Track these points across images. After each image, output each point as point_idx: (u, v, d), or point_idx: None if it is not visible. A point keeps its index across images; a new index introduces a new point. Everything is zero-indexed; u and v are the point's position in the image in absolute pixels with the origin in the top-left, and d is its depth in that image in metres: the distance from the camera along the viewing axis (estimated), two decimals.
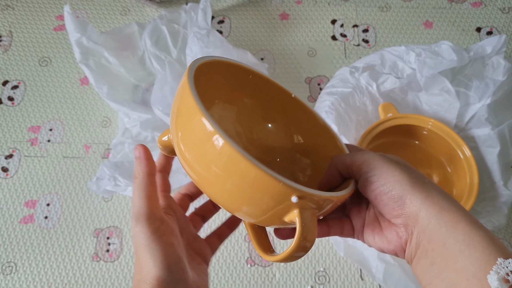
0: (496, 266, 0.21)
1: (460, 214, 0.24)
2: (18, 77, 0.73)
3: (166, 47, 0.69)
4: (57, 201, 0.64)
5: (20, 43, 0.75)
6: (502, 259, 0.21)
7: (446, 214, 0.24)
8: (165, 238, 0.27)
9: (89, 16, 0.78)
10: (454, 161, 0.60)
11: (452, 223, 0.23)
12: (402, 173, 0.25)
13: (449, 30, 0.76)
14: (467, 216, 0.24)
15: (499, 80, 0.59)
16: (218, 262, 0.60)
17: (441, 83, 0.60)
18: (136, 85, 0.70)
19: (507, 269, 0.21)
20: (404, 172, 0.25)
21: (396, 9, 0.78)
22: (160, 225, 0.27)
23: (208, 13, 0.66)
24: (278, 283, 0.58)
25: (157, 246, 0.26)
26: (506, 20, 0.76)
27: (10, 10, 0.78)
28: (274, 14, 0.78)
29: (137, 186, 0.28)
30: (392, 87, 0.61)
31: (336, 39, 0.75)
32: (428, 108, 0.63)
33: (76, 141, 0.68)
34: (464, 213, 0.24)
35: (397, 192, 0.25)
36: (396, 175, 0.25)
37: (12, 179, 0.65)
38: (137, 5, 0.79)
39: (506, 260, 0.21)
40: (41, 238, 0.61)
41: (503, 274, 0.21)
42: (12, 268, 0.60)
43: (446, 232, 0.23)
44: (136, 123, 0.63)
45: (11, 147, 0.67)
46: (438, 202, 0.24)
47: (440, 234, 0.23)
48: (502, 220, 0.56)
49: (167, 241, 0.27)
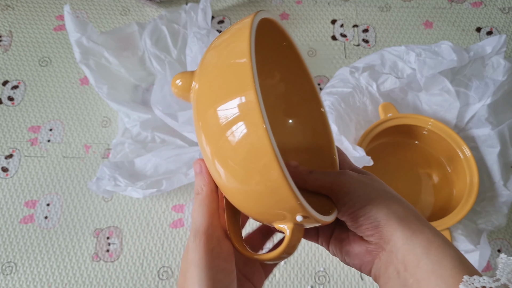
0: (462, 283, 0.22)
1: (432, 235, 0.25)
2: (18, 77, 0.73)
3: (166, 47, 0.69)
4: (57, 201, 0.64)
5: (20, 43, 0.75)
6: (467, 276, 0.23)
7: (420, 236, 0.25)
8: (218, 262, 0.26)
9: (89, 16, 0.78)
10: (454, 161, 0.60)
11: (425, 244, 0.25)
12: (379, 196, 0.27)
13: (449, 30, 0.76)
14: (438, 237, 0.25)
15: (499, 80, 0.59)
16: None
17: (441, 83, 0.60)
18: (136, 85, 0.70)
19: (473, 285, 0.22)
20: (381, 196, 0.27)
21: (396, 9, 0.78)
22: (216, 245, 0.26)
23: (208, 13, 0.66)
24: (278, 283, 0.58)
25: (207, 269, 0.25)
26: (506, 20, 0.76)
27: (10, 10, 0.78)
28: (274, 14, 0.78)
29: (200, 202, 0.27)
30: (392, 87, 0.61)
31: (336, 39, 0.75)
32: (428, 108, 0.63)
33: (76, 141, 0.68)
34: (436, 234, 0.25)
35: (373, 214, 0.26)
36: (373, 198, 0.27)
37: (12, 179, 0.65)
38: (137, 5, 0.79)
39: (471, 277, 0.22)
40: (41, 238, 0.61)
41: None
42: (12, 268, 0.60)
43: (420, 253, 0.25)
44: (136, 123, 0.63)
45: (11, 147, 0.67)
46: (412, 224, 0.26)
47: (414, 255, 0.25)
48: (502, 220, 0.56)
49: (219, 265, 0.25)
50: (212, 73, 0.23)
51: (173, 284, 0.58)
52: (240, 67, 0.21)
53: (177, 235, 0.61)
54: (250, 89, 0.20)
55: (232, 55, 0.22)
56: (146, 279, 0.59)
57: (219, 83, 0.22)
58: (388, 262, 0.26)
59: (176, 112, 0.61)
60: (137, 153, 0.63)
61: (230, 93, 0.21)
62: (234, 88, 0.21)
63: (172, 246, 0.61)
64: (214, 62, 0.24)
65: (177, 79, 0.26)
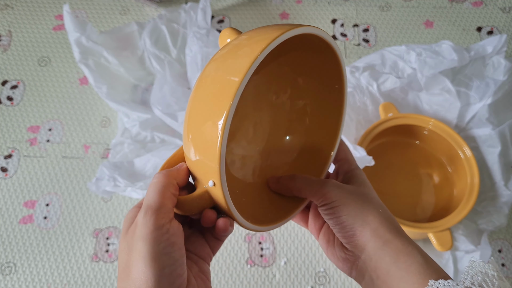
0: (427, 287, 0.24)
1: (402, 244, 0.27)
2: (17, 77, 0.73)
3: (165, 46, 0.69)
4: (56, 201, 0.63)
5: (20, 43, 0.75)
6: (432, 280, 0.24)
7: (390, 246, 0.27)
8: (168, 236, 0.25)
9: (88, 15, 0.78)
10: (454, 161, 0.60)
11: (394, 253, 0.27)
12: (356, 208, 0.29)
13: (449, 30, 0.75)
14: (408, 245, 0.27)
15: (500, 80, 0.58)
16: (218, 262, 0.60)
17: (441, 83, 0.60)
18: (135, 85, 0.70)
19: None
20: (358, 208, 0.29)
21: (397, 8, 0.78)
22: (166, 222, 0.26)
23: (207, 12, 0.66)
24: (278, 284, 0.58)
25: (156, 243, 0.24)
26: (507, 19, 0.76)
27: (10, 10, 0.78)
28: (274, 13, 0.78)
29: (156, 182, 0.27)
30: (393, 86, 0.61)
31: (336, 39, 0.75)
32: (429, 108, 0.63)
33: (76, 141, 0.68)
34: (406, 243, 0.27)
35: (349, 224, 0.29)
36: (351, 210, 0.29)
37: (11, 179, 0.65)
38: (136, 5, 0.79)
39: (436, 281, 0.24)
40: (40, 238, 0.61)
41: None
42: (11, 268, 0.60)
43: (389, 261, 0.27)
44: (136, 123, 0.63)
45: (10, 147, 0.67)
46: (384, 235, 0.28)
47: (385, 263, 0.27)
48: (502, 220, 0.56)
49: (169, 239, 0.25)
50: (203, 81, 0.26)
51: None
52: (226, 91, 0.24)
53: None
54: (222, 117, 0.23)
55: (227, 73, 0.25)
56: None
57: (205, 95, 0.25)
58: (364, 270, 0.28)
59: (176, 112, 0.60)
60: (136, 153, 0.62)
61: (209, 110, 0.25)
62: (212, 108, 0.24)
63: None
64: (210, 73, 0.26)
65: None
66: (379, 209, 0.29)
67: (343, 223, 0.29)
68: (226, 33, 0.29)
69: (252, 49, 0.24)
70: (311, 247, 0.60)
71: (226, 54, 0.26)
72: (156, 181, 0.27)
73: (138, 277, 0.24)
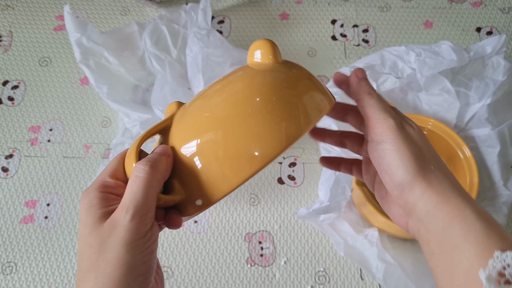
0: (492, 260, 0.21)
1: (460, 205, 0.24)
2: (18, 77, 0.73)
3: (166, 47, 0.69)
4: (57, 201, 0.64)
5: (20, 43, 0.75)
6: (499, 252, 0.21)
7: (445, 207, 0.24)
8: (149, 243, 0.24)
9: (89, 16, 0.78)
10: (454, 161, 0.60)
11: (450, 217, 0.23)
12: (411, 157, 0.25)
13: (449, 30, 0.76)
14: (467, 207, 0.24)
15: (499, 80, 0.59)
16: (218, 262, 0.60)
17: (441, 83, 0.60)
18: (136, 85, 0.70)
19: (504, 262, 0.21)
20: (413, 157, 0.25)
21: (396, 9, 0.78)
22: (150, 228, 0.24)
23: (208, 13, 0.66)
24: (278, 283, 0.58)
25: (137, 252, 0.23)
26: (506, 20, 0.76)
27: (10, 10, 0.78)
28: (274, 14, 0.78)
29: (143, 178, 0.24)
30: (392, 87, 0.61)
31: (336, 39, 0.75)
32: (428, 108, 0.63)
33: (76, 141, 0.68)
34: (465, 204, 0.24)
35: (398, 177, 0.25)
36: (404, 159, 0.25)
37: (12, 179, 0.65)
38: (137, 5, 0.79)
39: (504, 253, 0.21)
40: (41, 238, 0.61)
41: (499, 268, 0.21)
42: (12, 268, 0.60)
43: (443, 226, 0.23)
44: (136, 123, 0.63)
45: (11, 147, 0.67)
46: (438, 193, 0.24)
47: (437, 227, 0.24)
48: (502, 220, 0.56)
49: (151, 247, 0.24)
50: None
51: (173, 284, 0.58)
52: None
53: (177, 235, 0.61)
54: None
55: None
56: None
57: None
58: (416, 230, 0.25)
59: None
60: None
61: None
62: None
63: (172, 246, 0.61)
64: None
65: None
66: (435, 163, 0.26)
67: (391, 175, 0.25)
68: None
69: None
70: (311, 247, 0.60)
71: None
72: (143, 176, 0.24)
73: (108, 283, 0.22)
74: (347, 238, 0.56)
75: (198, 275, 0.59)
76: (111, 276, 0.22)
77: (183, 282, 0.58)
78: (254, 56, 0.29)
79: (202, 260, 0.60)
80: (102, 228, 0.23)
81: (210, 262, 0.60)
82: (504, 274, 0.21)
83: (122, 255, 0.22)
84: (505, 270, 0.21)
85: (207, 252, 0.60)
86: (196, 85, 0.62)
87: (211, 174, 0.25)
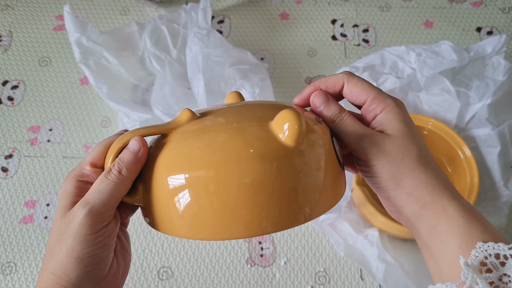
0: (474, 250, 0.23)
1: (441, 207, 0.25)
2: (18, 77, 0.73)
3: (166, 47, 0.69)
4: (57, 201, 0.64)
5: (20, 43, 0.75)
6: (481, 243, 0.23)
7: (428, 209, 0.25)
8: (102, 238, 0.25)
9: (89, 16, 0.78)
10: (454, 161, 0.60)
11: (433, 217, 0.25)
12: (391, 170, 0.26)
13: (449, 30, 0.76)
14: (448, 207, 0.25)
15: (499, 80, 0.59)
16: (218, 262, 0.60)
17: (441, 83, 0.60)
18: (136, 85, 0.70)
19: (486, 252, 0.22)
20: (394, 169, 0.26)
21: (396, 9, 0.78)
22: (106, 225, 0.25)
23: (208, 13, 0.66)
24: (278, 283, 0.58)
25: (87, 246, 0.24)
26: (507, 20, 0.76)
27: (10, 10, 0.78)
28: (274, 14, 0.78)
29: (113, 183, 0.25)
30: (392, 87, 0.61)
31: (336, 39, 0.75)
32: (429, 108, 0.63)
33: (76, 141, 0.68)
34: (445, 206, 0.25)
35: (382, 187, 0.27)
36: (385, 172, 0.26)
37: (12, 179, 0.65)
38: (137, 5, 0.79)
39: (485, 244, 0.22)
40: (41, 238, 0.61)
41: (481, 258, 0.22)
42: (12, 268, 0.60)
43: (428, 225, 0.25)
44: (136, 123, 0.63)
45: (11, 147, 0.67)
46: (421, 198, 0.26)
47: (424, 226, 0.25)
48: (502, 220, 0.56)
49: (102, 241, 0.25)
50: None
51: (173, 284, 0.58)
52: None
53: None
54: None
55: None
56: (146, 279, 0.59)
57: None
58: (408, 226, 0.27)
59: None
60: None
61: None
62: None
63: (172, 246, 0.61)
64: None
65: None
66: (418, 168, 0.26)
67: (377, 184, 0.27)
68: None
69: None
70: (311, 247, 0.60)
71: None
72: (113, 181, 0.25)
73: (60, 268, 0.24)
74: (347, 238, 0.56)
75: (198, 275, 0.59)
76: (62, 262, 0.24)
77: (183, 282, 0.58)
78: (283, 128, 0.25)
79: (202, 260, 0.60)
80: (64, 218, 0.25)
81: (210, 262, 0.60)
82: (486, 263, 0.22)
83: (73, 246, 0.24)
84: (487, 259, 0.22)
85: (207, 252, 0.60)
86: (196, 85, 0.62)
87: (186, 213, 0.25)
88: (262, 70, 0.66)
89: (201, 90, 0.60)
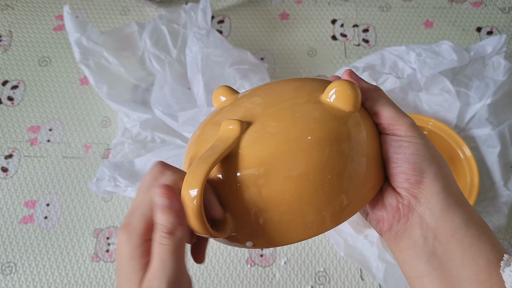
0: (503, 261, 0.21)
1: (472, 210, 0.24)
2: (18, 77, 0.73)
3: (166, 47, 0.69)
4: (56, 201, 0.64)
5: (20, 43, 0.75)
6: (508, 255, 0.21)
7: (461, 207, 0.23)
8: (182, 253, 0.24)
9: (88, 16, 0.78)
10: (454, 161, 0.60)
11: (466, 216, 0.23)
12: (433, 155, 0.25)
13: (449, 30, 0.76)
14: (476, 213, 0.24)
15: (500, 80, 0.59)
16: (218, 262, 0.60)
17: (441, 83, 0.60)
18: (136, 85, 0.70)
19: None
20: (435, 156, 0.25)
21: (396, 9, 0.78)
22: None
23: (208, 13, 0.66)
24: (278, 283, 0.58)
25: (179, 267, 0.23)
26: (507, 20, 0.76)
27: (10, 10, 0.78)
28: (274, 14, 0.78)
29: (177, 246, 0.23)
30: (393, 87, 0.61)
31: (336, 39, 0.75)
32: (429, 108, 0.63)
33: (76, 141, 0.68)
34: (474, 211, 0.24)
35: (419, 168, 0.24)
36: (428, 154, 0.24)
37: (12, 179, 0.65)
38: (137, 5, 0.79)
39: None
40: (40, 238, 0.61)
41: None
42: (12, 268, 0.60)
43: (459, 223, 0.23)
44: (136, 123, 0.63)
45: (11, 147, 0.67)
46: (455, 194, 0.24)
47: (453, 224, 0.23)
48: (502, 220, 0.56)
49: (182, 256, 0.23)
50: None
51: None
52: None
53: None
54: None
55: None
56: None
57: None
58: (415, 227, 0.24)
59: (176, 112, 0.61)
60: (137, 153, 0.62)
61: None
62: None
63: None
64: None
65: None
66: (449, 169, 0.25)
67: (414, 164, 0.24)
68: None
69: None
70: (311, 247, 0.60)
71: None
72: (167, 245, 0.22)
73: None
74: (347, 238, 0.56)
75: (198, 275, 0.59)
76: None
77: None
78: (329, 95, 0.25)
79: None
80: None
81: (210, 262, 0.60)
82: None
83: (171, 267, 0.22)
84: None
85: (207, 252, 0.60)
86: (195, 85, 0.62)
87: (283, 224, 0.24)
88: (262, 70, 0.66)
89: (200, 90, 0.60)
